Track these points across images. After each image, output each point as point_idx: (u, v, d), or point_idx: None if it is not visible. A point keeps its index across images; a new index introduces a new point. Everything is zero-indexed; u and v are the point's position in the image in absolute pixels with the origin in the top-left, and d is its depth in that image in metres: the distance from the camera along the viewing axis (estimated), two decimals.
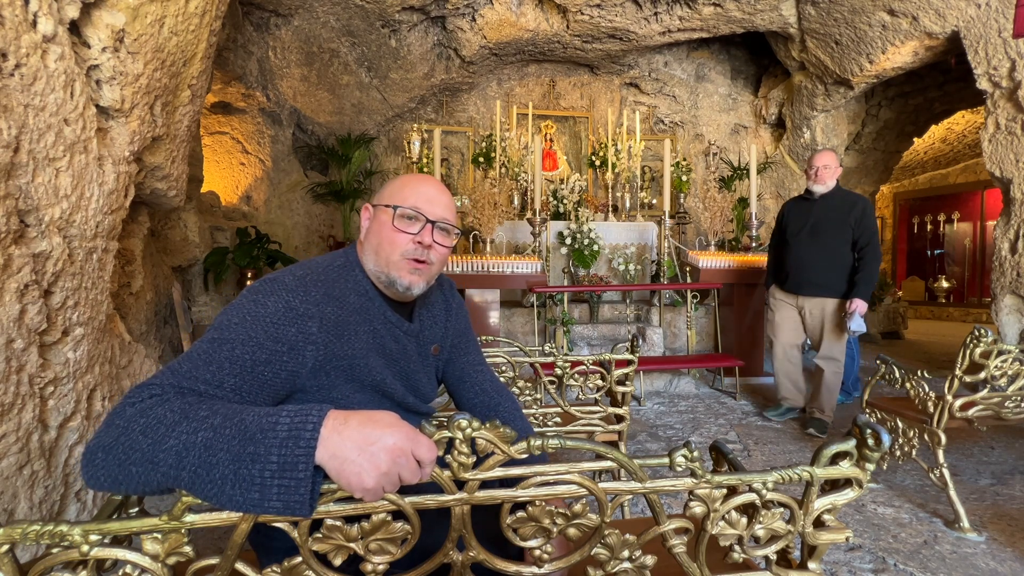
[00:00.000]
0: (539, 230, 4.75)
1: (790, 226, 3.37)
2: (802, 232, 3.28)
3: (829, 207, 3.22)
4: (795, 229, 3.32)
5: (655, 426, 3.49)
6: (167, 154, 2.47)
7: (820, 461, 0.77)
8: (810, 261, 3.24)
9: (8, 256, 1.54)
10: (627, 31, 5.34)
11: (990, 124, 3.60)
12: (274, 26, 4.91)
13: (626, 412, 1.94)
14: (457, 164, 6.42)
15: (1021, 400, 2.18)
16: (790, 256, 3.34)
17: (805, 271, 3.26)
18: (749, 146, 5.47)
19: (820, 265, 3.21)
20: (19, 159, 1.54)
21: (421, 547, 0.73)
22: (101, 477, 0.68)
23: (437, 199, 1.01)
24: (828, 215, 3.21)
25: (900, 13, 4.09)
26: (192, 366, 0.78)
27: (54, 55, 1.63)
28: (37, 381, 1.70)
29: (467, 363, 1.24)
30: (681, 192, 6.12)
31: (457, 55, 5.57)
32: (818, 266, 3.22)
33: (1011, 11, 3.38)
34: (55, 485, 1.80)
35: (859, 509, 2.28)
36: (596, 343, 4.62)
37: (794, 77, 5.66)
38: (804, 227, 3.27)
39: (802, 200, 3.38)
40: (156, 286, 3.28)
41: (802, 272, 3.27)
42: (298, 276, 0.91)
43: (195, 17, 2.24)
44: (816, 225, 3.23)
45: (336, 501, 0.67)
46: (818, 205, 3.25)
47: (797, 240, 3.31)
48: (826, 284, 3.21)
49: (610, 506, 0.73)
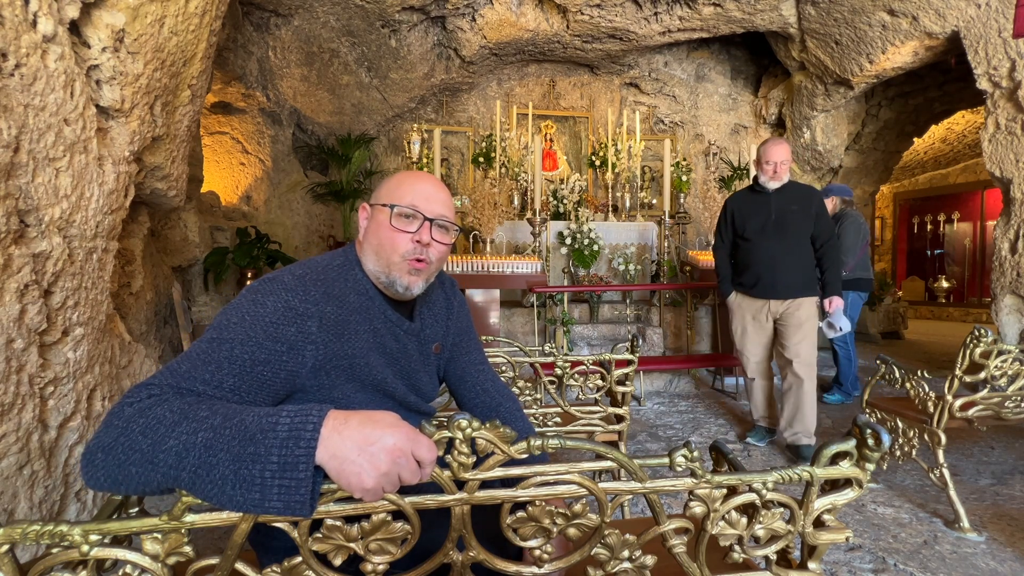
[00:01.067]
0: (539, 230, 4.75)
1: (749, 223, 2.93)
2: (766, 228, 2.88)
3: (789, 199, 2.87)
4: (756, 226, 2.91)
5: (655, 426, 3.49)
6: (167, 154, 2.47)
7: (820, 461, 0.77)
8: (780, 260, 2.86)
9: (8, 256, 1.54)
10: (627, 31, 5.34)
11: (990, 124, 3.60)
12: (274, 26, 4.91)
13: (626, 412, 1.94)
14: (457, 164, 6.42)
15: (1021, 400, 2.18)
16: (754, 257, 2.93)
17: (776, 271, 2.86)
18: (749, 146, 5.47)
19: (790, 263, 2.86)
20: (19, 159, 1.54)
21: (421, 547, 0.73)
22: (101, 477, 0.68)
23: (434, 196, 1.01)
24: (789, 208, 2.85)
25: (900, 13, 4.09)
26: (191, 366, 0.78)
27: (54, 55, 1.63)
28: (37, 381, 1.70)
29: (468, 362, 1.24)
30: (681, 192, 6.13)
31: (457, 55, 5.57)
32: (789, 265, 2.87)
33: (1011, 11, 3.38)
34: (55, 485, 1.80)
35: (859, 509, 2.28)
36: (596, 343, 4.62)
37: (794, 77, 5.66)
38: (767, 223, 2.87)
39: (752, 193, 2.99)
40: (156, 286, 3.28)
41: (774, 273, 2.86)
42: (297, 275, 0.91)
43: (195, 17, 2.24)
44: (780, 220, 2.86)
45: (336, 501, 0.67)
46: (775, 199, 2.88)
47: (761, 238, 2.90)
48: (800, 283, 2.87)
49: (610, 506, 0.73)
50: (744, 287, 2.99)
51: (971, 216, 9.30)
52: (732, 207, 3.03)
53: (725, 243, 3.09)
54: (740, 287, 3.01)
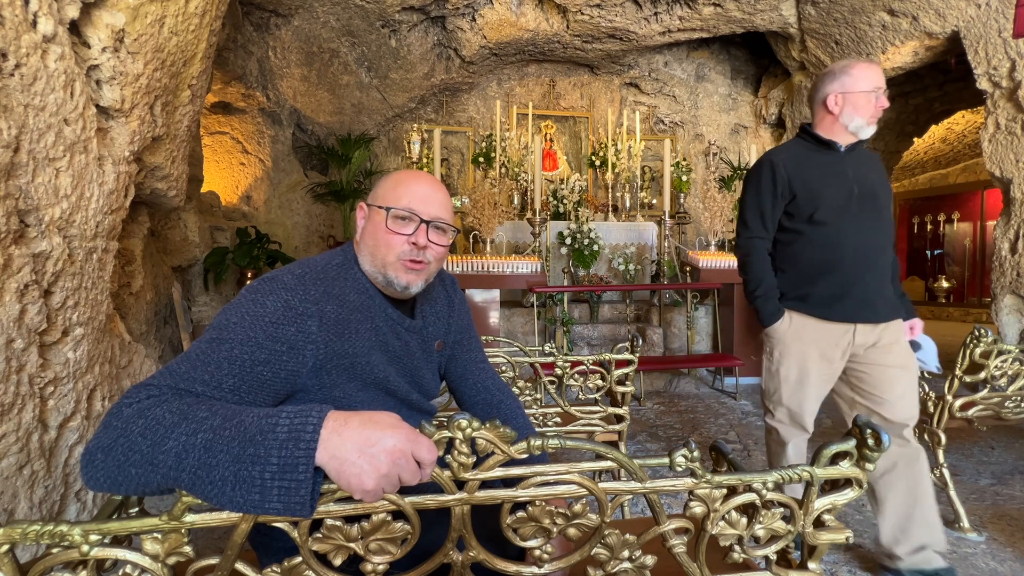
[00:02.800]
0: (539, 230, 4.75)
1: (823, 197, 1.71)
2: (849, 207, 1.71)
3: (863, 162, 1.77)
4: (834, 201, 1.71)
5: (655, 426, 3.49)
6: (167, 154, 2.47)
7: (820, 461, 0.77)
8: (874, 259, 1.74)
9: (8, 256, 1.54)
10: (627, 31, 5.34)
11: (990, 124, 3.60)
12: (274, 26, 4.91)
13: (626, 412, 1.94)
14: (457, 164, 6.42)
15: (1021, 400, 2.18)
16: (833, 253, 1.72)
17: (870, 277, 1.73)
18: (749, 146, 5.47)
19: (885, 265, 1.78)
20: (19, 159, 1.54)
21: (421, 547, 0.73)
22: (101, 478, 0.68)
23: (431, 198, 1.00)
24: (869, 176, 1.75)
25: (900, 13, 4.09)
26: (190, 366, 0.78)
27: (54, 55, 1.63)
28: (37, 381, 1.70)
29: (470, 360, 1.24)
30: (681, 192, 6.13)
31: (457, 55, 5.57)
32: (885, 267, 1.78)
33: (1011, 11, 3.38)
34: (55, 485, 1.80)
35: (859, 509, 2.28)
36: (596, 343, 4.62)
37: (794, 77, 5.66)
38: (850, 198, 1.71)
39: (813, 151, 1.78)
40: (156, 286, 3.28)
41: (866, 280, 1.72)
42: (297, 275, 0.91)
43: (195, 17, 2.24)
44: (868, 194, 1.73)
45: (336, 501, 0.67)
46: (849, 161, 1.75)
47: (844, 221, 1.71)
48: (895, 297, 1.82)
49: (610, 506, 0.73)
50: (811, 305, 1.76)
51: (971, 216, 9.30)
52: (785, 170, 1.75)
53: (768, 230, 1.81)
54: (801, 305, 1.78)
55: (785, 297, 1.81)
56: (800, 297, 1.78)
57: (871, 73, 1.68)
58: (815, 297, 1.75)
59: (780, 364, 1.83)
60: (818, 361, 1.77)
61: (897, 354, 1.76)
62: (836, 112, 1.70)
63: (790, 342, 1.80)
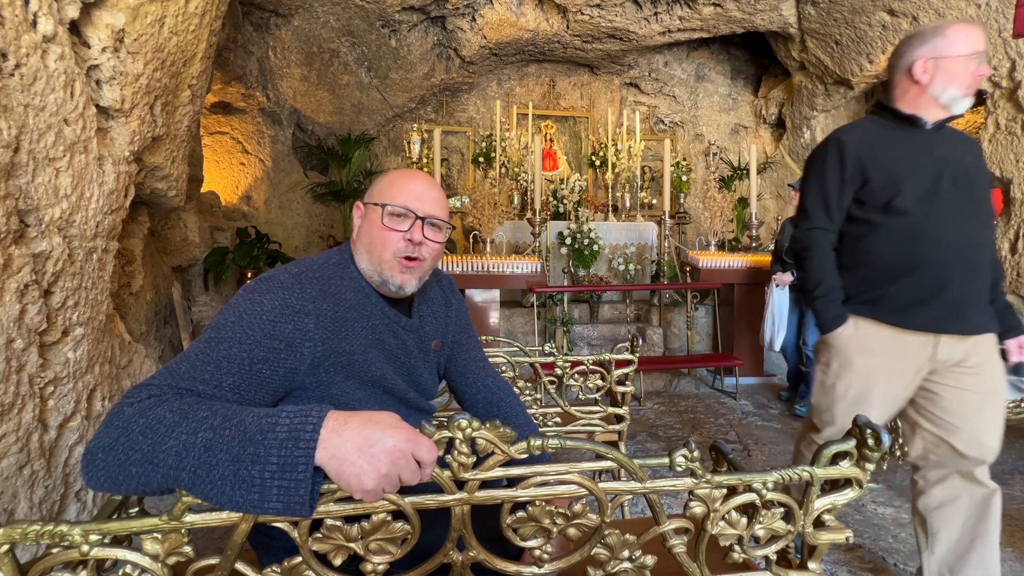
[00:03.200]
0: (539, 230, 4.75)
1: (907, 182, 1.43)
2: (938, 194, 1.42)
3: (956, 144, 1.49)
4: (920, 188, 1.42)
5: (655, 426, 3.49)
6: (167, 154, 2.47)
7: (820, 461, 0.77)
8: (970, 258, 1.44)
9: (8, 256, 1.54)
10: (627, 31, 5.34)
11: (990, 124, 3.60)
12: (274, 26, 4.91)
13: (626, 412, 1.93)
14: (457, 164, 6.42)
15: (1021, 401, 2.17)
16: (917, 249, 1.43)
17: (963, 279, 1.43)
18: (749, 146, 5.46)
19: (982, 267, 1.47)
20: (19, 159, 1.54)
21: (421, 547, 0.73)
22: (101, 477, 0.68)
23: (426, 195, 1.01)
24: (964, 159, 1.47)
25: (900, 13, 4.09)
26: (190, 366, 0.78)
27: (54, 55, 1.63)
28: (37, 381, 1.70)
29: (469, 359, 1.24)
30: (681, 192, 6.13)
31: (457, 55, 5.57)
32: (981, 269, 1.47)
33: (1011, 11, 3.38)
34: (55, 485, 1.80)
35: (859, 509, 2.28)
36: (596, 343, 4.62)
37: (794, 77, 5.66)
38: (938, 184, 1.43)
39: (893, 130, 1.49)
40: (156, 286, 3.28)
41: (959, 281, 1.42)
42: (294, 274, 0.92)
43: (195, 17, 2.24)
44: (962, 180, 1.45)
45: (336, 501, 0.67)
46: (937, 141, 1.47)
47: (932, 211, 1.43)
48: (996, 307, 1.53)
49: (610, 506, 0.73)
50: (884, 310, 1.48)
51: None
52: (856, 149, 1.48)
53: (834, 220, 1.54)
54: (872, 310, 1.49)
55: (852, 300, 1.51)
56: (871, 300, 1.48)
57: (970, 35, 1.39)
58: (890, 301, 1.45)
59: (838, 378, 1.53)
60: (886, 378, 1.48)
61: (988, 378, 1.45)
62: (925, 81, 1.41)
63: (853, 353, 1.50)
